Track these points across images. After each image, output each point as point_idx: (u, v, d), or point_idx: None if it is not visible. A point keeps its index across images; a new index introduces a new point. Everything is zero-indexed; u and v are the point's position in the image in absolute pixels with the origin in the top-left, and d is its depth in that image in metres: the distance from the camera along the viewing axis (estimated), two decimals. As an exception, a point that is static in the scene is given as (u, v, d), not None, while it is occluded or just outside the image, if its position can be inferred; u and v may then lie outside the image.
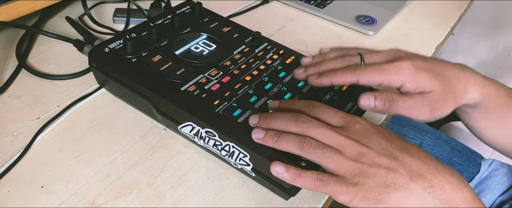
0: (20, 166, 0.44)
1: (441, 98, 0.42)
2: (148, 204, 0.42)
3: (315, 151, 0.37)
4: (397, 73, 0.42)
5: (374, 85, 0.43)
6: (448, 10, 0.80)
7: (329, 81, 0.44)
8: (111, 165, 0.45)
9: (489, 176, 0.70)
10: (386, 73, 0.42)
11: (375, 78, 0.42)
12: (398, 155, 0.36)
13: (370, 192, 0.35)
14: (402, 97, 0.42)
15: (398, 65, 0.42)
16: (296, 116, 0.39)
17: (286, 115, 0.39)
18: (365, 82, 0.42)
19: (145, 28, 0.53)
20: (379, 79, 0.42)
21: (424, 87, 0.42)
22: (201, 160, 0.47)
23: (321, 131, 0.37)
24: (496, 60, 1.31)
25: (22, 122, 0.49)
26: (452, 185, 0.35)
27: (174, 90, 0.45)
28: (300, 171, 0.37)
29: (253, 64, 0.50)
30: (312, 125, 0.38)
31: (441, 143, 0.74)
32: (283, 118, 0.39)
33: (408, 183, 0.35)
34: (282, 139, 0.38)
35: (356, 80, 0.42)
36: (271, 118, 0.40)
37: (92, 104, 0.52)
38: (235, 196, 0.43)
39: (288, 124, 0.39)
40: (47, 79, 0.55)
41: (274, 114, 0.40)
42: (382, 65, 0.42)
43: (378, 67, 0.42)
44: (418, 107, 0.42)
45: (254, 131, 0.40)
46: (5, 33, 0.61)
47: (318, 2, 0.76)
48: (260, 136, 0.39)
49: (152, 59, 0.48)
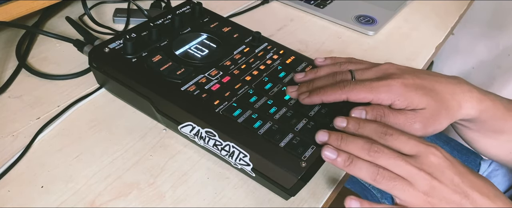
0: (20, 166, 0.44)
1: (433, 114, 0.42)
2: (148, 204, 0.42)
3: (388, 182, 0.36)
4: (387, 91, 0.42)
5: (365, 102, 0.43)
6: (448, 10, 0.80)
7: (319, 99, 0.44)
8: (111, 165, 0.45)
9: (489, 177, 0.70)
10: (375, 91, 0.42)
11: (365, 96, 0.42)
12: (469, 193, 0.36)
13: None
14: (393, 112, 0.42)
15: (388, 83, 0.42)
16: (369, 144, 0.38)
17: (359, 141, 0.38)
18: (355, 99, 0.42)
19: (145, 28, 0.53)
20: (369, 97, 0.42)
21: (415, 104, 0.42)
22: (201, 160, 0.47)
23: (393, 162, 0.37)
24: (496, 60, 1.31)
25: (22, 122, 0.49)
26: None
27: (174, 90, 0.45)
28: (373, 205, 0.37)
29: (253, 64, 0.50)
30: (384, 155, 0.37)
31: (441, 143, 0.74)
32: (355, 144, 0.38)
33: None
34: (355, 165, 0.38)
35: (346, 97, 0.42)
36: (343, 141, 0.39)
37: (92, 104, 0.52)
38: (235, 196, 0.44)
39: (361, 151, 0.38)
40: (47, 79, 0.55)
41: (345, 136, 0.39)
42: (372, 83, 0.42)
43: (368, 85, 0.42)
44: (410, 124, 0.42)
45: (327, 149, 0.39)
46: (5, 33, 0.61)
47: (318, 2, 0.76)
48: (332, 157, 0.38)
49: (152, 59, 0.48)
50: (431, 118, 0.42)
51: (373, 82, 0.42)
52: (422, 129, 0.42)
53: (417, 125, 0.42)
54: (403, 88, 0.42)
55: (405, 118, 0.42)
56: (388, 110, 0.42)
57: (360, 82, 0.43)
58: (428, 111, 0.42)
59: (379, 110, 0.42)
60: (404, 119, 0.42)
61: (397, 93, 0.42)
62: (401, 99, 0.42)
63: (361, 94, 0.42)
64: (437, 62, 1.48)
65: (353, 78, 0.45)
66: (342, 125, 0.41)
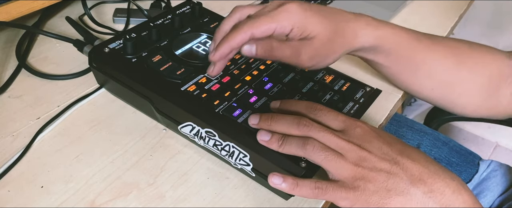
0: (20, 166, 0.44)
1: (324, 43, 0.42)
2: (148, 204, 0.42)
3: (319, 153, 0.37)
4: (288, 18, 0.41)
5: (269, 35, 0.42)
6: (448, 10, 0.80)
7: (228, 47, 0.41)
8: (111, 165, 0.45)
9: (488, 177, 0.70)
10: (277, 19, 0.40)
11: (269, 26, 0.40)
12: (398, 159, 0.36)
13: (371, 197, 0.35)
14: (281, 44, 0.41)
15: (287, 8, 0.41)
16: (297, 119, 0.39)
17: (288, 118, 0.39)
18: (260, 33, 0.41)
19: (145, 28, 0.53)
20: (272, 26, 0.41)
21: (309, 31, 0.41)
22: (201, 160, 0.47)
23: (322, 134, 0.37)
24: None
25: (22, 122, 0.49)
26: (453, 190, 0.35)
27: (174, 90, 0.45)
28: (298, 180, 0.37)
29: (253, 64, 0.50)
30: (313, 129, 0.38)
31: (439, 144, 0.74)
32: (284, 120, 0.39)
33: (409, 188, 0.35)
34: (286, 142, 0.38)
35: (251, 33, 0.40)
36: (272, 120, 0.40)
37: (92, 104, 0.52)
38: (235, 196, 0.44)
39: (290, 127, 0.39)
40: (47, 79, 0.55)
41: (275, 116, 0.40)
42: (271, 12, 0.41)
43: (268, 14, 0.41)
44: (297, 55, 0.42)
45: (260, 133, 0.40)
46: (5, 33, 0.61)
47: (318, 2, 0.76)
48: (266, 139, 0.39)
49: (152, 59, 0.48)
50: (323, 48, 0.42)
51: (273, 10, 0.41)
52: (310, 60, 0.42)
53: (304, 56, 0.42)
54: (302, 13, 0.41)
55: (291, 49, 0.41)
56: (276, 42, 0.41)
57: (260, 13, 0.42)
58: (318, 40, 0.42)
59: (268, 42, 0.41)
60: (290, 51, 0.41)
61: (296, 19, 0.41)
62: (300, 25, 0.41)
63: (264, 26, 0.40)
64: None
65: None
66: (276, 106, 0.43)
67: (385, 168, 0.36)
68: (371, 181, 0.35)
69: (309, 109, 0.40)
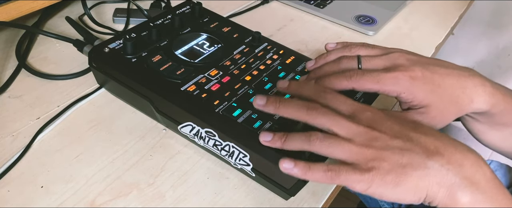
0: (20, 166, 0.44)
1: (438, 113, 0.41)
2: (148, 204, 0.42)
3: (323, 142, 0.35)
4: (393, 84, 0.41)
5: None
6: (448, 10, 0.80)
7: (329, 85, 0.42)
8: (111, 165, 0.45)
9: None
10: (382, 84, 0.41)
11: (371, 87, 0.41)
12: (412, 135, 0.35)
13: (386, 176, 0.33)
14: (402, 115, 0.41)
15: (395, 76, 0.41)
16: (307, 104, 0.37)
17: (297, 102, 0.38)
18: (360, 90, 0.42)
19: (145, 28, 0.53)
20: (375, 88, 0.41)
21: (419, 100, 0.41)
22: (201, 160, 0.47)
23: (331, 118, 0.36)
24: (496, 60, 1.31)
25: (22, 122, 0.49)
26: (472, 162, 0.34)
27: (174, 90, 0.45)
28: (310, 164, 0.35)
29: (253, 64, 0.50)
30: (323, 113, 0.36)
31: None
32: (293, 104, 0.38)
33: (426, 162, 0.33)
34: (289, 138, 0.37)
35: (352, 87, 0.42)
36: (281, 103, 0.38)
37: (92, 104, 0.52)
38: (235, 196, 0.44)
39: (299, 111, 0.37)
40: (47, 79, 0.55)
41: (283, 99, 0.39)
42: (380, 75, 0.41)
43: (375, 76, 0.41)
44: None
45: (262, 135, 0.39)
46: (5, 33, 0.61)
47: (318, 2, 0.76)
48: (268, 139, 0.38)
49: (152, 59, 0.48)
50: (438, 116, 0.41)
51: (380, 74, 0.41)
52: None
53: None
54: (410, 82, 0.41)
55: None
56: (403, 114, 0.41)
57: (368, 72, 0.42)
58: (433, 110, 0.41)
59: None
60: None
61: (403, 87, 0.41)
62: (407, 93, 0.41)
63: (367, 85, 0.41)
64: (437, 62, 1.47)
65: (360, 65, 0.43)
66: (284, 86, 0.42)
67: (398, 145, 0.34)
68: (385, 159, 0.33)
69: (318, 93, 0.39)
